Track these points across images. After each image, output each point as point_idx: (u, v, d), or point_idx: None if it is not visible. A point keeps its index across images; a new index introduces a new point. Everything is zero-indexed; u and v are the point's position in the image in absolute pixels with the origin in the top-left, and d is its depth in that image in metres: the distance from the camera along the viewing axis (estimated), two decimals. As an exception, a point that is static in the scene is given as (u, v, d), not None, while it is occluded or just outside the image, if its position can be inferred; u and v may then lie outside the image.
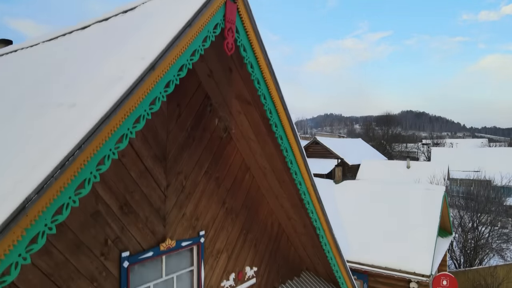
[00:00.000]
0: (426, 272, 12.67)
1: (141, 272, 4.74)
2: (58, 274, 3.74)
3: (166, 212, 4.93)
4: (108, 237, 4.21)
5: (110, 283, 4.24)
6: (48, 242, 3.64)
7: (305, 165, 5.99)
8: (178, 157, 5.09)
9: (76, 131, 2.92)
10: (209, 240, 5.66)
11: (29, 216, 2.64)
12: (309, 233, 7.10)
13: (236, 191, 6.20)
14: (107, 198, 4.18)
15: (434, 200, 14.87)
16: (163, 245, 4.84)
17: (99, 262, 4.12)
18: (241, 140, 6.01)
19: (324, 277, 8.27)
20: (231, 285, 6.07)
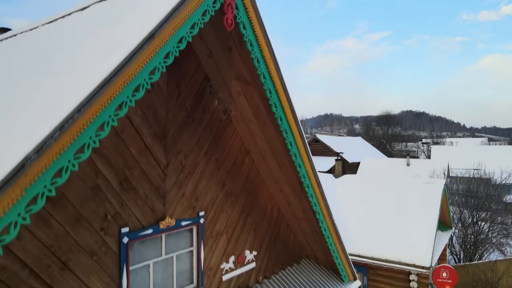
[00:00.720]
0: (426, 264, 12.67)
1: (141, 250, 4.74)
2: (58, 246, 3.74)
3: (165, 191, 4.93)
4: (107, 212, 4.21)
5: (109, 258, 4.24)
6: (48, 213, 3.64)
7: (304, 147, 5.99)
8: (178, 137, 5.09)
9: (76, 95, 2.92)
10: (209, 222, 5.66)
11: (28, 176, 2.64)
12: (308, 218, 7.10)
13: (236, 174, 6.20)
14: (107, 173, 4.18)
15: (434, 193, 14.87)
16: (162, 223, 4.83)
17: (98, 237, 4.12)
18: (241, 123, 6.01)
19: (324, 264, 8.26)
20: (231, 268, 6.07)
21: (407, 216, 14.29)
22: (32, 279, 3.54)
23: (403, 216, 14.34)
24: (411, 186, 15.67)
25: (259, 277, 6.77)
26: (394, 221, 14.28)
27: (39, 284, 3.60)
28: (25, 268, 3.49)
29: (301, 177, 6.20)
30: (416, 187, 15.54)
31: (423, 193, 15.02)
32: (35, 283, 3.57)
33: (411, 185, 15.75)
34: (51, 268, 3.69)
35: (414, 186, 15.65)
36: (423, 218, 13.98)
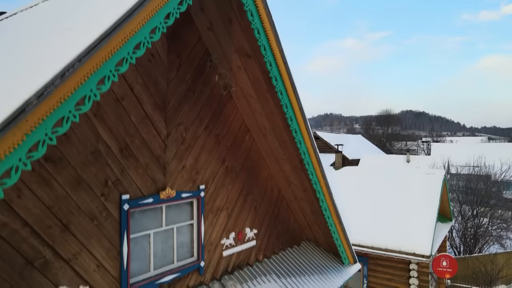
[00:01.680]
0: (426, 252, 12.66)
1: (141, 219, 4.74)
2: (59, 207, 3.74)
3: (166, 162, 4.94)
4: (108, 178, 4.22)
5: (110, 224, 4.25)
6: (49, 174, 3.65)
7: (304, 123, 5.99)
8: (179, 108, 5.09)
9: (76, 47, 2.93)
10: (209, 196, 5.66)
11: (29, 122, 2.65)
12: (309, 198, 7.10)
13: (236, 151, 6.20)
14: (107, 139, 4.18)
15: (434, 183, 14.88)
16: (163, 193, 4.84)
17: (99, 202, 4.13)
18: (241, 99, 6.01)
19: (324, 247, 8.27)
20: (231, 244, 6.07)
21: (407, 206, 14.29)
22: (33, 239, 3.55)
23: (403, 206, 14.35)
24: (411, 177, 15.68)
25: (259, 256, 6.77)
26: (394, 211, 14.28)
27: (40, 244, 3.60)
28: (26, 226, 3.49)
29: (301, 153, 6.20)
30: (416, 177, 15.55)
31: (424, 184, 15.02)
32: (36, 242, 3.57)
33: (411, 176, 15.76)
34: (52, 229, 3.69)
35: (414, 176, 15.66)
36: (423, 208, 13.98)
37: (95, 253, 4.09)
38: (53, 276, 3.72)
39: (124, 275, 4.36)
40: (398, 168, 17.59)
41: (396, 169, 17.65)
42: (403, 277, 13.40)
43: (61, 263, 3.77)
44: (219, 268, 5.87)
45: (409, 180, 15.53)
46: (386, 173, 16.49)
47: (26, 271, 3.50)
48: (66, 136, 3.78)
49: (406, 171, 16.72)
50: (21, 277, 3.46)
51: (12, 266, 3.40)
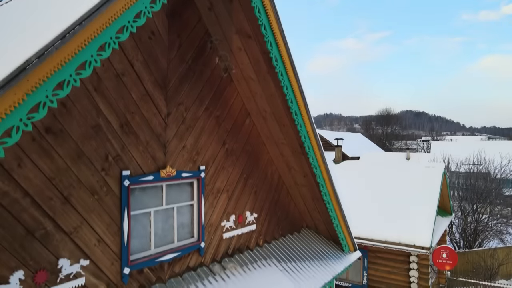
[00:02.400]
0: (426, 244, 12.66)
1: (142, 197, 4.74)
2: (59, 179, 3.74)
3: (166, 141, 4.93)
4: (109, 153, 4.22)
5: (111, 200, 4.24)
6: (49, 145, 3.64)
7: (305, 105, 5.99)
8: (179, 88, 5.09)
9: (78, 10, 2.93)
10: (210, 177, 5.66)
11: (30, 82, 2.65)
12: (309, 183, 7.10)
13: (237, 134, 6.20)
14: (108, 113, 4.18)
15: (434, 176, 14.88)
16: (163, 171, 4.84)
17: (100, 176, 4.12)
18: (242, 81, 6.01)
19: (324, 234, 8.27)
20: (231, 227, 6.07)
21: (407, 199, 14.29)
22: (34, 209, 3.54)
23: (403, 199, 14.35)
24: (411, 170, 15.68)
25: (259, 240, 6.77)
26: (394, 203, 14.28)
27: (41, 215, 3.60)
28: (26, 197, 3.49)
29: (301, 137, 6.20)
30: (416, 170, 15.55)
31: (423, 176, 15.03)
32: (37, 213, 3.57)
33: (411, 169, 15.77)
34: (53, 201, 3.69)
35: (414, 170, 15.66)
36: (423, 201, 13.98)
37: (95, 228, 4.09)
38: (54, 248, 3.71)
39: (125, 251, 4.36)
40: (398, 162, 17.57)
41: (396, 162, 17.66)
42: (403, 265, 13.40)
43: (62, 235, 3.77)
44: (220, 250, 5.87)
45: (409, 173, 15.54)
46: (386, 166, 16.50)
47: (27, 241, 3.50)
48: (66, 109, 3.78)
49: (406, 164, 16.71)
50: (22, 247, 3.46)
51: (13, 236, 3.40)
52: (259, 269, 6.23)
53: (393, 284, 13.73)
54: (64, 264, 3.78)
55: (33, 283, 3.54)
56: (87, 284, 4.01)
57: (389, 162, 17.46)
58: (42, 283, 3.60)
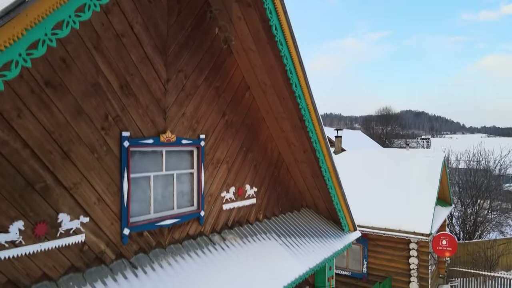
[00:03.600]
0: (426, 231, 12.66)
1: (142, 161, 4.74)
2: (59, 134, 3.74)
3: (166, 106, 4.94)
4: (108, 113, 4.22)
5: (110, 159, 4.24)
6: (49, 98, 3.65)
7: (304, 77, 5.99)
8: (179, 55, 5.09)
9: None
10: (209, 147, 5.66)
11: (29, 17, 2.65)
12: (309, 159, 7.10)
13: (236, 107, 6.20)
14: (107, 73, 4.18)
15: (434, 165, 14.89)
16: (163, 136, 4.84)
17: (99, 135, 4.12)
18: (241, 53, 6.02)
19: (324, 214, 8.27)
20: (231, 198, 6.07)
21: (407, 187, 14.29)
22: (33, 161, 3.54)
23: (403, 187, 14.35)
24: (411, 159, 15.69)
25: (259, 215, 6.77)
26: (394, 192, 14.28)
27: (41, 168, 3.60)
28: (26, 148, 3.49)
29: (301, 109, 6.20)
30: (416, 160, 15.56)
31: (423, 165, 15.03)
32: (37, 166, 3.57)
33: (411, 158, 15.77)
34: (53, 154, 3.69)
35: (415, 159, 15.67)
36: (423, 189, 13.98)
37: (95, 186, 4.09)
38: (54, 202, 3.71)
39: (125, 212, 4.36)
40: (398, 152, 17.58)
41: (395, 152, 17.67)
42: (403, 253, 13.40)
43: (61, 190, 3.77)
44: (219, 221, 5.87)
45: (409, 162, 15.54)
46: (386, 156, 16.50)
47: (27, 193, 3.50)
48: (66, 64, 3.78)
49: (406, 154, 16.72)
50: (22, 197, 3.46)
51: (13, 185, 3.40)
52: (259, 242, 6.23)
53: (393, 272, 13.73)
54: (64, 219, 3.78)
55: (33, 234, 3.54)
56: (87, 241, 4.01)
57: (388, 152, 17.47)
58: (42, 235, 3.60)
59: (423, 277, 13.21)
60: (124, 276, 4.22)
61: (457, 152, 24.14)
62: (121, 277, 4.18)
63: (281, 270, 5.79)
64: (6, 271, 3.36)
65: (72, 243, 3.87)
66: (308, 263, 6.32)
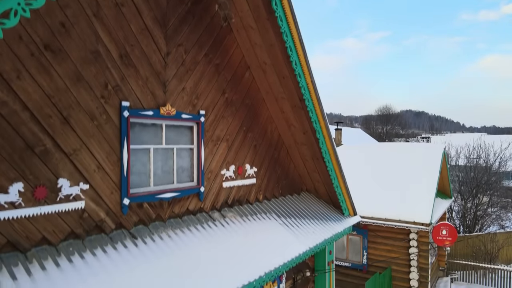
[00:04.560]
0: (426, 220, 12.67)
1: (141, 133, 4.74)
2: (59, 99, 3.73)
3: (166, 80, 4.93)
4: (108, 81, 4.21)
5: (110, 129, 4.24)
6: (48, 62, 3.64)
7: (304, 55, 5.99)
8: (178, 29, 5.09)
9: None
10: (209, 124, 5.65)
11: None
12: (309, 141, 7.10)
13: (236, 86, 6.19)
14: (107, 42, 4.18)
15: (434, 156, 14.88)
16: (163, 109, 4.83)
17: (99, 103, 4.12)
18: (241, 31, 6.01)
19: (324, 198, 8.27)
20: (231, 177, 6.06)
21: (407, 178, 14.29)
22: (33, 124, 3.54)
23: (403, 178, 14.35)
24: (411, 151, 15.69)
25: (259, 195, 6.76)
26: (394, 182, 14.28)
27: (40, 131, 3.59)
28: (25, 110, 3.48)
29: (301, 88, 6.20)
30: (416, 151, 15.56)
31: (423, 156, 15.02)
32: (36, 129, 3.56)
33: (411, 150, 15.77)
34: (52, 119, 3.69)
35: (414, 150, 15.67)
36: (423, 179, 13.98)
37: (95, 154, 4.08)
38: (53, 166, 3.71)
39: (124, 182, 4.36)
40: (398, 144, 17.57)
41: (395, 145, 17.67)
42: (403, 244, 13.40)
43: (61, 155, 3.77)
44: (219, 198, 5.87)
45: (409, 154, 15.54)
46: (386, 149, 16.50)
47: (27, 156, 3.49)
48: (65, 29, 3.77)
49: (406, 146, 16.72)
50: (21, 159, 3.46)
51: (12, 147, 3.39)
52: (259, 221, 6.22)
53: (393, 263, 13.73)
54: (64, 184, 3.78)
55: (32, 197, 3.53)
56: (87, 209, 4.01)
57: (388, 144, 17.46)
58: (41, 199, 3.59)
59: (423, 267, 13.21)
60: (124, 245, 4.21)
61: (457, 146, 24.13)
62: (121, 246, 4.18)
63: (281, 247, 5.79)
64: (5, 232, 3.35)
65: (72, 209, 3.86)
66: (308, 243, 6.31)
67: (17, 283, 3.18)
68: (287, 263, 5.64)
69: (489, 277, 17.09)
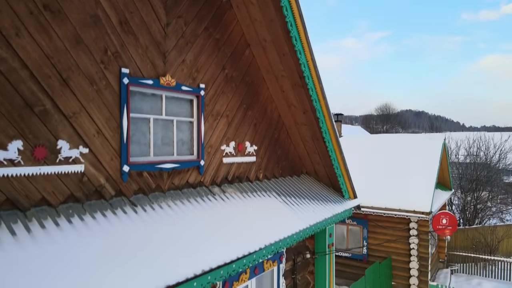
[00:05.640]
0: (426, 209, 12.66)
1: (141, 103, 4.73)
2: (58, 60, 3.72)
3: (166, 50, 4.92)
4: (107, 47, 4.20)
5: (110, 95, 4.23)
6: (47, 22, 3.63)
7: (304, 31, 5.98)
8: (178, 0, 5.07)
9: None
10: (209, 99, 5.64)
11: None
12: (309, 121, 7.09)
13: (236, 62, 6.18)
14: (106, 7, 4.16)
15: (434, 146, 14.88)
16: (163, 79, 4.82)
17: (98, 68, 4.11)
18: (241, 7, 6.00)
19: (324, 181, 8.25)
20: (231, 153, 6.05)
21: (407, 168, 14.28)
22: (32, 83, 3.53)
23: (403, 168, 14.33)
24: (411, 142, 15.68)
25: (259, 174, 6.75)
26: (394, 172, 14.27)
27: (39, 91, 3.58)
28: (24, 68, 3.47)
29: (301, 65, 6.19)
30: (416, 142, 15.55)
31: (423, 148, 15.02)
32: (35, 88, 3.55)
33: (411, 141, 15.77)
34: (51, 79, 3.67)
35: (414, 141, 15.67)
36: (423, 169, 13.97)
37: (94, 118, 4.07)
38: (53, 127, 3.69)
39: (124, 149, 4.34)
40: (397, 134, 17.55)
41: (395, 135, 17.66)
42: (403, 233, 13.39)
43: (60, 117, 3.75)
44: (219, 174, 5.85)
45: (409, 145, 15.53)
46: (386, 139, 16.49)
47: (26, 114, 3.48)
48: (65, -9, 3.76)
49: (406, 137, 16.72)
50: (21, 117, 3.44)
51: (11, 104, 3.38)
52: (259, 198, 6.21)
53: (393, 253, 13.71)
54: (63, 146, 3.77)
55: (32, 156, 3.52)
56: (87, 173, 3.99)
57: (388, 136, 17.45)
58: (41, 159, 3.58)
59: (423, 256, 13.19)
60: (123, 211, 4.20)
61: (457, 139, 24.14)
62: (120, 212, 4.17)
63: (281, 223, 5.78)
64: (4, 190, 3.34)
65: (72, 172, 3.85)
66: (309, 221, 6.30)
67: (16, 238, 3.17)
68: (287, 239, 5.63)
69: (489, 269, 17.09)
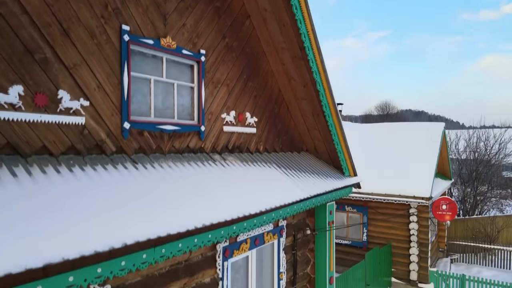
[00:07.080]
0: (426, 194, 12.68)
1: (142, 63, 4.72)
2: (58, 9, 3.72)
3: (166, 12, 4.91)
4: (108, 3, 4.19)
5: (110, 50, 4.22)
6: (48, -29, 3.62)
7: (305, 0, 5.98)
8: (178, -36, 5.07)
9: None
10: (210, 66, 5.64)
11: None
12: (309, 95, 7.08)
13: (237, 33, 6.18)
14: (107, -38, 4.16)
15: (434, 134, 14.90)
16: (164, 40, 4.82)
17: (99, 22, 4.10)
18: (241, -24, 6.00)
19: (325, 158, 8.25)
20: (231, 122, 6.05)
21: (407, 155, 14.30)
22: (32, 29, 3.52)
23: (404, 155, 14.36)
24: (411, 130, 15.70)
25: (259, 146, 6.75)
26: (395, 159, 14.29)
27: (40, 39, 3.58)
28: (24, 14, 3.47)
29: (301, 35, 6.18)
30: (416, 130, 15.57)
31: (423, 135, 15.04)
32: (35, 35, 3.55)
33: (411, 129, 15.78)
34: (52, 28, 3.67)
35: (414, 128, 15.68)
36: (423, 155, 13.99)
37: (95, 72, 4.07)
38: (53, 76, 3.69)
39: (125, 106, 4.34)
40: (397, 123, 17.58)
41: (395, 123, 17.68)
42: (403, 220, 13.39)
43: (61, 66, 3.75)
44: (220, 141, 5.85)
45: (409, 132, 15.55)
46: (386, 127, 16.50)
47: (26, 60, 3.48)
48: None
49: (406, 124, 16.74)
50: (21, 63, 3.44)
51: (11, 48, 3.38)
52: (259, 167, 6.21)
53: (393, 239, 13.72)
54: (64, 96, 3.76)
55: (32, 103, 3.52)
56: (87, 126, 3.99)
57: (388, 124, 17.47)
58: (42, 106, 3.58)
59: (423, 242, 13.21)
60: (124, 167, 4.19)
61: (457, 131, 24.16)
62: (121, 167, 4.16)
63: (282, 191, 5.78)
64: (5, 133, 3.34)
65: (72, 123, 3.84)
66: (309, 191, 6.30)
67: (17, 179, 3.17)
68: (287, 208, 5.63)
69: (489, 259, 17.11)
